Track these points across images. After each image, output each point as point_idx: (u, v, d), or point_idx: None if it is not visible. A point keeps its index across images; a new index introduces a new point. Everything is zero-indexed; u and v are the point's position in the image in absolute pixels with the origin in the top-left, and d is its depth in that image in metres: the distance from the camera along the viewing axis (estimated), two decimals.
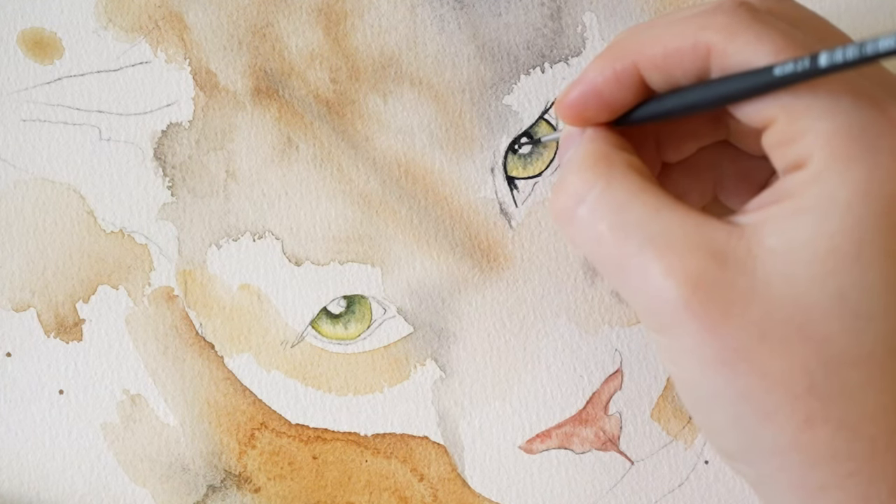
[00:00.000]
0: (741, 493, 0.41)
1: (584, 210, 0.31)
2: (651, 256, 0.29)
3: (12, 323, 0.41)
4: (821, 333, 0.28)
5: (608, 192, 0.30)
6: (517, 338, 0.41)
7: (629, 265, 0.30)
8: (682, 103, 0.32)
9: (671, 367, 0.31)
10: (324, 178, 0.41)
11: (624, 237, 0.30)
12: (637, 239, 0.30)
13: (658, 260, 0.29)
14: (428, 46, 0.41)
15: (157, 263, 0.41)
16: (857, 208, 0.28)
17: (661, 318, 0.29)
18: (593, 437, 0.41)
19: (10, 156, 0.41)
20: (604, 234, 0.30)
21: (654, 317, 0.30)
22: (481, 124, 0.41)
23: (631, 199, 0.30)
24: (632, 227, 0.30)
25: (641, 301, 0.30)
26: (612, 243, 0.30)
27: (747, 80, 0.29)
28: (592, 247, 0.31)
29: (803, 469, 0.29)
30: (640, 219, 0.30)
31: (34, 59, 0.42)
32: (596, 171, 0.31)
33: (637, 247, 0.29)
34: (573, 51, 0.41)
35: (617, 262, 0.30)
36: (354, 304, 0.41)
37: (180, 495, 0.41)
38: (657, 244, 0.29)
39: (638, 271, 0.29)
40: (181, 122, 0.41)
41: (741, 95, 0.30)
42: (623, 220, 0.30)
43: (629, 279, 0.30)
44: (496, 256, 0.41)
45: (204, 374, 0.41)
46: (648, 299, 0.29)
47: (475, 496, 0.41)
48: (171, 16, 0.41)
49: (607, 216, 0.30)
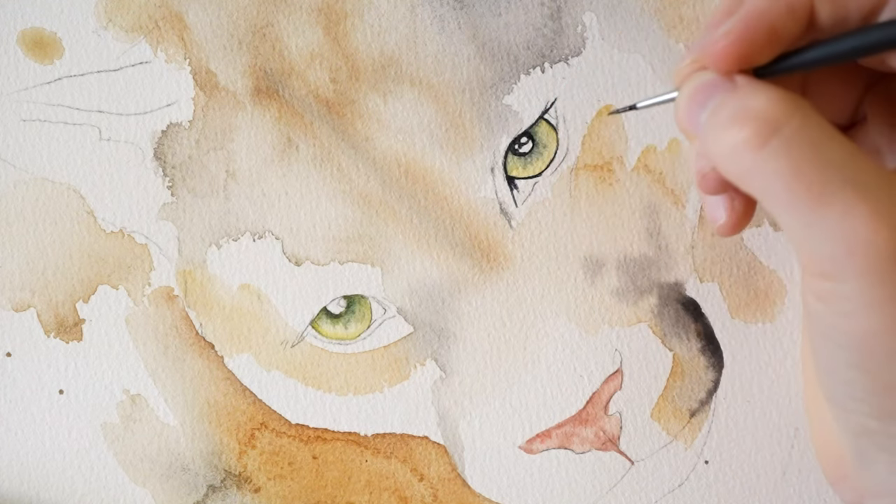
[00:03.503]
0: (741, 493, 0.41)
1: (779, 141, 0.29)
2: (858, 196, 0.28)
3: (12, 323, 0.41)
4: None
5: (808, 125, 0.29)
6: (517, 338, 0.41)
7: (829, 203, 0.28)
8: (830, 52, 0.30)
9: (847, 320, 0.29)
10: (324, 178, 0.41)
11: (826, 172, 0.28)
12: (841, 176, 0.28)
13: (864, 202, 0.28)
14: (428, 46, 0.41)
15: (157, 263, 0.41)
16: None
17: (858, 261, 0.28)
18: (593, 437, 0.41)
19: (10, 156, 0.41)
20: (804, 167, 0.29)
21: (846, 260, 0.28)
22: (481, 124, 0.41)
23: (829, 137, 0.29)
24: (834, 165, 0.28)
25: (831, 243, 0.28)
26: (812, 177, 0.28)
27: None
28: (782, 181, 0.29)
29: None
30: (842, 157, 0.29)
31: (34, 59, 0.42)
32: (791, 105, 0.29)
33: (841, 184, 0.28)
34: (573, 51, 0.41)
35: (813, 200, 0.29)
36: (354, 304, 0.41)
37: (180, 495, 0.41)
38: (862, 186, 0.28)
39: (839, 210, 0.28)
40: (181, 122, 0.41)
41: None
42: (826, 155, 0.29)
43: (822, 219, 0.28)
44: (496, 256, 0.41)
45: (204, 374, 0.41)
46: (845, 241, 0.28)
47: (475, 496, 0.41)
48: (171, 16, 0.41)
49: (808, 148, 0.29)
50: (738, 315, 0.41)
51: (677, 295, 0.41)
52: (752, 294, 0.41)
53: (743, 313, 0.41)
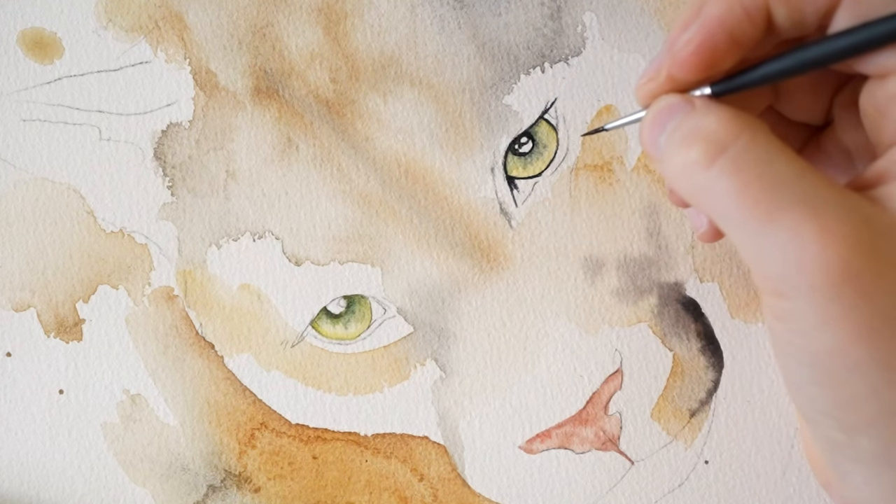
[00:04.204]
0: (741, 493, 0.41)
1: (725, 161, 0.29)
2: (804, 215, 0.28)
3: (12, 323, 0.41)
4: None
5: (755, 145, 0.29)
6: (517, 338, 0.41)
7: (775, 221, 0.28)
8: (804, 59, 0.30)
9: (801, 337, 0.29)
10: (324, 178, 0.41)
11: (772, 191, 0.28)
12: (787, 195, 0.28)
13: (813, 219, 0.28)
14: (428, 46, 0.41)
15: (157, 263, 0.41)
16: None
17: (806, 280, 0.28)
18: (593, 437, 0.41)
19: (10, 156, 0.41)
20: (749, 187, 0.29)
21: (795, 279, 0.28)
22: (481, 124, 0.41)
23: (777, 154, 0.29)
24: (780, 183, 0.28)
25: (781, 261, 0.28)
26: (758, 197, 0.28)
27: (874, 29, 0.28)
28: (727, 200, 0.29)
29: None
30: (789, 175, 0.28)
31: (34, 59, 0.42)
32: (740, 123, 0.30)
33: (787, 203, 0.28)
34: (573, 50, 0.41)
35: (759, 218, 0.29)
36: (354, 304, 0.41)
37: (180, 495, 0.41)
38: (810, 203, 0.28)
39: (785, 229, 0.28)
40: (181, 121, 0.41)
41: (867, 47, 0.29)
42: (772, 174, 0.29)
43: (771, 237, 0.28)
44: (496, 256, 0.41)
45: (204, 374, 0.41)
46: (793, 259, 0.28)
47: (475, 496, 0.41)
48: (171, 16, 0.41)
49: (753, 168, 0.29)
50: (738, 315, 0.41)
51: (677, 295, 0.41)
52: (752, 294, 0.41)
53: (743, 313, 0.41)
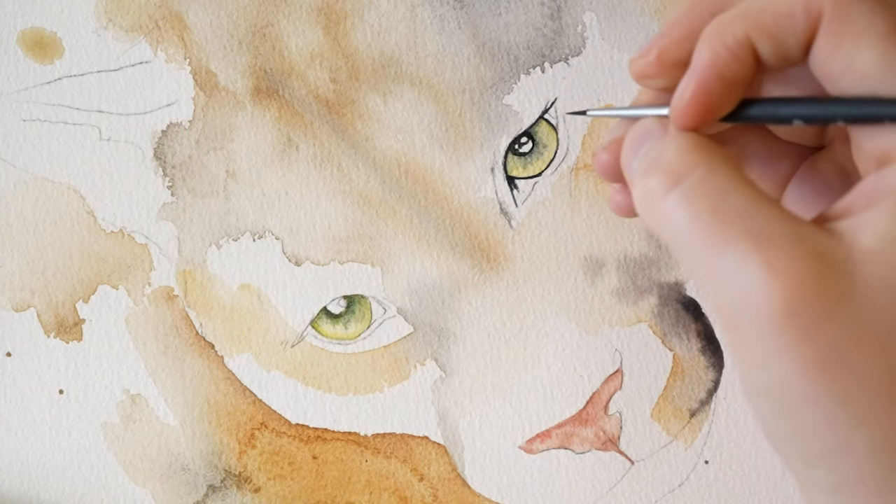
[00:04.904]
0: (741, 493, 0.41)
1: (679, 193, 0.29)
2: (751, 248, 0.28)
3: (12, 323, 0.41)
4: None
5: (710, 177, 0.29)
6: (517, 338, 0.41)
7: (724, 254, 0.28)
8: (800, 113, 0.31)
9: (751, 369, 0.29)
10: (324, 178, 0.41)
11: (723, 224, 0.28)
12: (737, 228, 0.28)
13: (759, 253, 0.28)
14: (428, 46, 0.41)
15: (157, 263, 0.41)
16: None
17: (753, 314, 0.28)
18: (593, 437, 0.41)
19: (10, 156, 0.41)
20: (700, 219, 0.29)
21: (743, 312, 0.28)
22: (481, 124, 0.41)
23: (732, 187, 0.29)
24: (732, 216, 0.28)
25: (730, 294, 0.28)
26: (708, 230, 0.29)
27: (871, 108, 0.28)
28: (682, 232, 0.29)
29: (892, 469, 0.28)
30: (741, 209, 0.29)
31: (34, 59, 0.42)
32: (697, 156, 0.30)
33: (736, 236, 0.28)
34: (573, 50, 0.41)
35: (710, 251, 0.29)
36: (354, 303, 0.41)
37: (180, 495, 0.41)
38: (758, 237, 0.28)
39: (733, 262, 0.28)
40: (181, 122, 0.41)
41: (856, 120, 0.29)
42: (724, 207, 0.29)
43: (720, 270, 0.28)
44: (496, 256, 0.41)
45: (204, 374, 0.41)
46: (741, 293, 0.28)
47: (475, 496, 0.41)
48: (171, 16, 0.41)
49: (706, 201, 0.29)
50: None
51: (677, 295, 0.41)
52: None
53: None
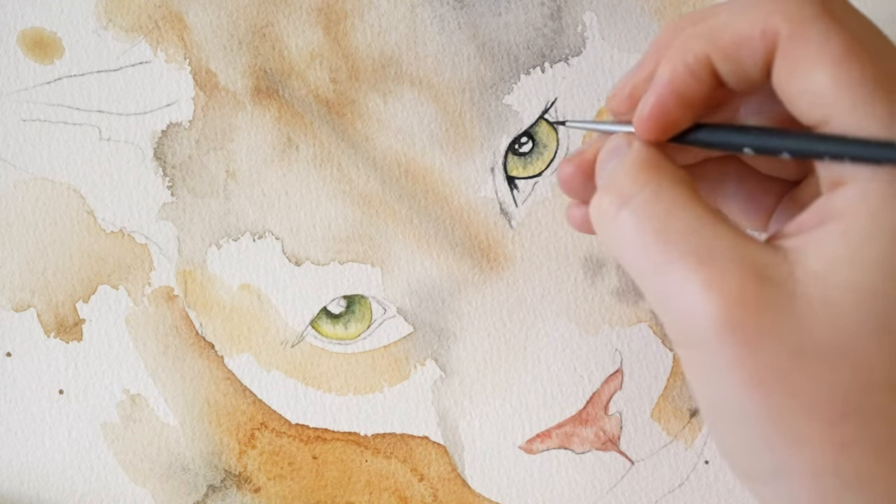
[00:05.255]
0: (741, 494, 0.41)
1: (627, 212, 0.30)
2: (692, 267, 0.29)
3: (12, 323, 0.41)
4: (860, 357, 0.27)
5: (655, 197, 0.30)
6: (517, 338, 0.41)
7: (667, 273, 0.29)
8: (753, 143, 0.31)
9: (698, 384, 0.30)
10: (324, 178, 0.41)
11: (666, 244, 0.29)
12: (680, 248, 0.29)
13: (699, 272, 0.28)
14: (428, 46, 0.41)
15: (157, 263, 0.41)
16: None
17: (694, 331, 0.29)
18: (593, 437, 0.41)
19: (10, 156, 0.41)
20: (645, 239, 0.30)
21: (686, 329, 0.29)
22: (481, 124, 0.41)
23: (678, 207, 0.30)
24: (676, 235, 0.29)
25: (674, 312, 0.29)
26: (653, 249, 0.29)
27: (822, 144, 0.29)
28: (629, 251, 0.30)
29: (837, 493, 0.28)
30: (685, 228, 0.29)
31: (34, 59, 0.42)
32: (646, 176, 0.30)
33: (678, 255, 0.29)
34: (573, 50, 0.41)
35: (655, 269, 0.29)
36: (354, 303, 0.41)
37: (180, 495, 0.41)
38: (700, 256, 0.29)
39: (676, 280, 0.29)
40: (181, 122, 0.41)
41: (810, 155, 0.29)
42: (667, 226, 0.29)
43: (665, 288, 0.29)
44: (496, 256, 0.41)
45: (204, 374, 0.41)
46: (683, 311, 0.29)
47: (475, 496, 0.41)
48: (171, 16, 0.41)
49: (651, 220, 0.30)
50: None
51: None
52: None
53: None
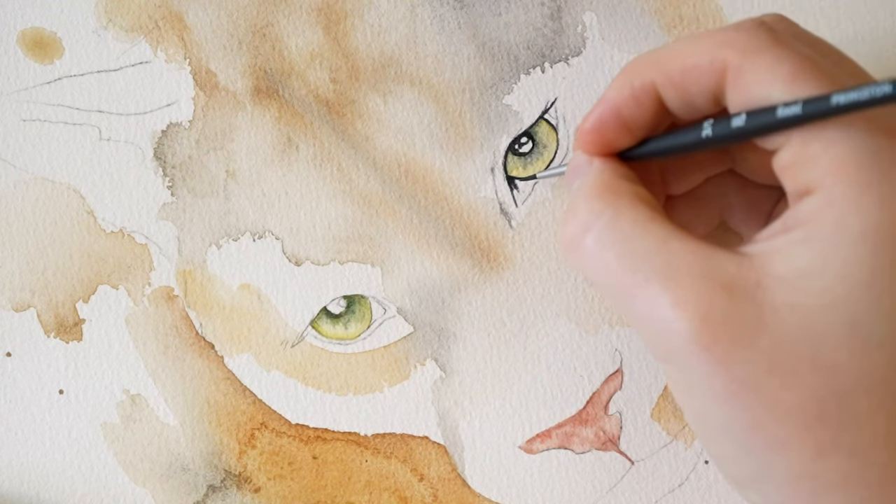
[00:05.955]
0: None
1: (590, 239, 0.31)
2: (659, 288, 0.29)
3: (12, 323, 0.41)
4: (831, 362, 0.28)
5: (615, 222, 0.30)
6: (517, 338, 0.41)
7: (636, 296, 0.29)
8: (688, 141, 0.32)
9: (679, 396, 0.30)
10: (324, 178, 0.41)
11: (631, 267, 0.30)
12: (644, 270, 0.29)
13: (666, 292, 0.29)
14: (428, 46, 0.41)
15: (157, 263, 0.41)
16: (870, 236, 0.28)
17: (669, 349, 0.29)
18: (593, 437, 0.41)
19: (10, 156, 0.41)
20: (610, 264, 0.30)
21: (662, 348, 0.30)
22: (481, 124, 0.41)
23: (638, 229, 0.30)
24: (639, 258, 0.30)
25: (649, 332, 0.30)
26: (618, 273, 0.30)
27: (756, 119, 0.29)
28: (599, 276, 0.31)
29: (816, 496, 0.29)
30: (647, 249, 0.30)
31: (34, 59, 0.42)
32: (603, 201, 0.31)
33: (644, 278, 0.29)
34: (573, 50, 0.41)
35: (624, 293, 0.30)
36: (354, 303, 0.41)
37: (180, 495, 0.41)
38: (665, 275, 0.29)
39: (645, 302, 0.29)
40: (181, 121, 0.41)
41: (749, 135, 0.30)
42: (630, 250, 0.30)
43: (636, 310, 0.30)
44: (496, 256, 0.41)
45: (204, 374, 0.41)
46: (656, 331, 0.29)
47: (475, 496, 0.41)
48: (171, 16, 0.41)
49: (614, 246, 0.30)
50: None
51: None
52: None
53: None
